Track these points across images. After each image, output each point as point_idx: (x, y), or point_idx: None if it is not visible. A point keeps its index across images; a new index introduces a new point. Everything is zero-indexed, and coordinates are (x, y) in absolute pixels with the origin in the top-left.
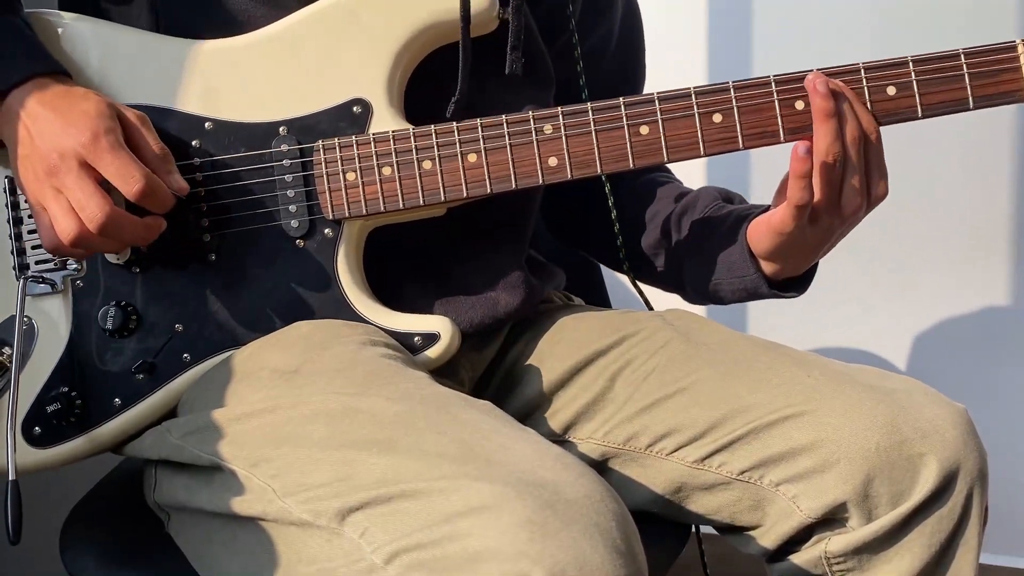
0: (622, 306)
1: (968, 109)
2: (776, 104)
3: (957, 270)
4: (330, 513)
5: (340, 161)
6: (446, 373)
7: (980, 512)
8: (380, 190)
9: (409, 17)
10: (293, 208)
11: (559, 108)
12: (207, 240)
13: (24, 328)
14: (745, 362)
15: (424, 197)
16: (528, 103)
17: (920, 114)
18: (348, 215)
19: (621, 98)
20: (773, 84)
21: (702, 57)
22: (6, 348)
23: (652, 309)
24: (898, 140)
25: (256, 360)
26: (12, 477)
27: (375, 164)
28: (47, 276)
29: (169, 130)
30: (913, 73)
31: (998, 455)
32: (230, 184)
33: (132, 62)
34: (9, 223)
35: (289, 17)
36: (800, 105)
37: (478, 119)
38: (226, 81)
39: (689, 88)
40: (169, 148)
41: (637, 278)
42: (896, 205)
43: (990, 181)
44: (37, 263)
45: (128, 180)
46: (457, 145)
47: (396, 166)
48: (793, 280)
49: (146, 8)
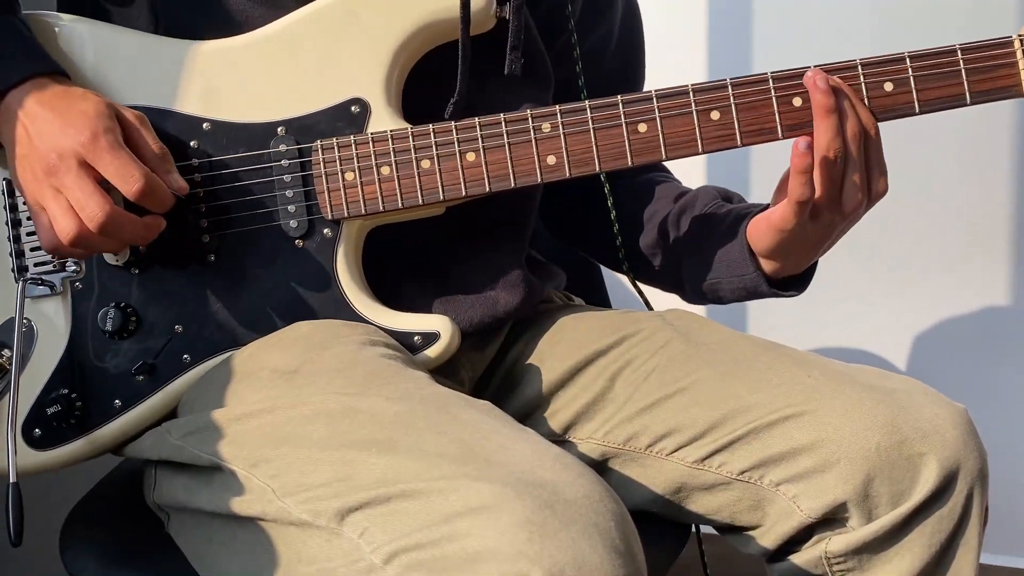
0: (622, 306)
1: (965, 104)
2: (774, 101)
3: (957, 270)
4: (329, 513)
5: (339, 161)
6: (446, 373)
7: (980, 512)
8: (379, 190)
9: (407, 16)
10: (292, 208)
11: (557, 107)
12: (206, 241)
13: (23, 330)
14: (745, 362)
15: (423, 196)
16: (527, 103)
17: (917, 110)
18: (347, 215)
19: (619, 96)
20: (771, 81)
21: (702, 57)
22: (6, 350)
23: (652, 309)
24: (897, 138)
25: (256, 360)
26: (12, 479)
27: (374, 164)
28: (46, 278)
29: (168, 131)
30: (910, 69)
31: (998, 455)
32: (229, 184)
33: (130, 63)
34: (8, 225)
35: (287, 17)
36: (798, 102)
37: (476, 118)
38: (224, 81)
39: (687, 85)
40: (168, 148)
41: (636, 278)
42: (895, 204)
43: (990, 179)
44: (36, 265)
45: (127, 179)
46: (455, 144)
47: (395, 166)
48: (793, 279)
49: (146, 9)
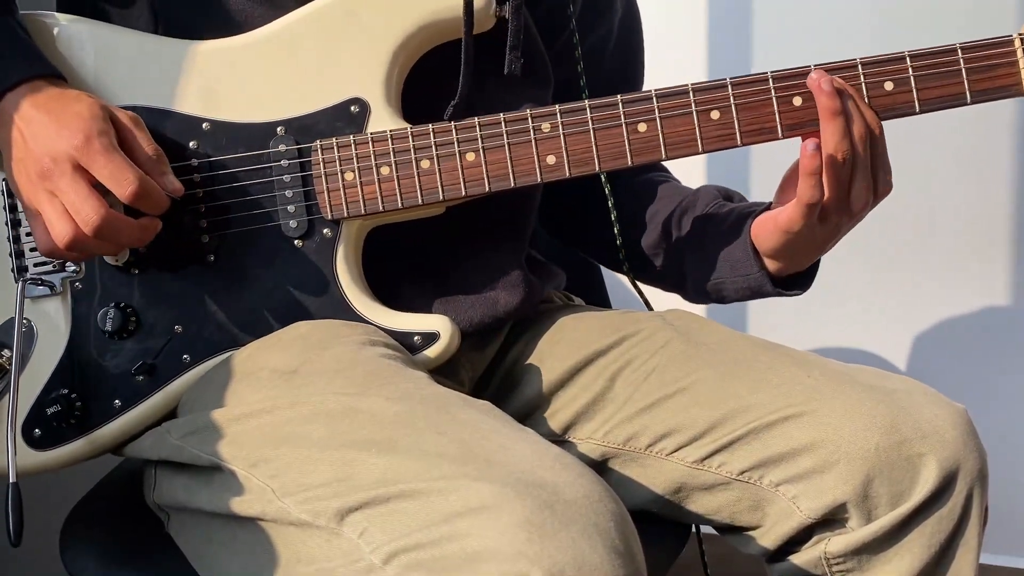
0: (622, 306)
1: (966, 104)
2: (774, 100)
3: (957, 270)
4: (329, 513)
5: (338, 161)
6: (446, 373)
7: (980, 512)
8: (378, 190)
9: (407, 16)
10: (291, 208)
11: (557, 106)
12: (206, 241)
13: (23, 330)
14: (745, 362)
15: (422, 196)
16: (527, 103)
17: (918, 109)
18: (347, 215)
19: (619, 96)
20: (771, 80)
21: (702, 57)
22: (6, 350)
23: (652, 309)
24: (897, 137)
25: (256, 360)
26: (12, 479)
27: (373, 164)
28: (46, 278)
29: (166, 131)
30: (910, 68)
31: (998, 455)
32: (228, 185)
33: (129, 63)
34: (7, 225)
35: (286, 17)
36: (798, 101)
37: (476, 118)
38: (223, 81)
39: (687, 85)
40: (166, 149)
41: (637, 278)
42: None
43: (989, 179)
44: (36, 265)
45: (121, 182)
46: (455, 144)
47: (394, 166)
48: (796, 278)
49: (145, 9)
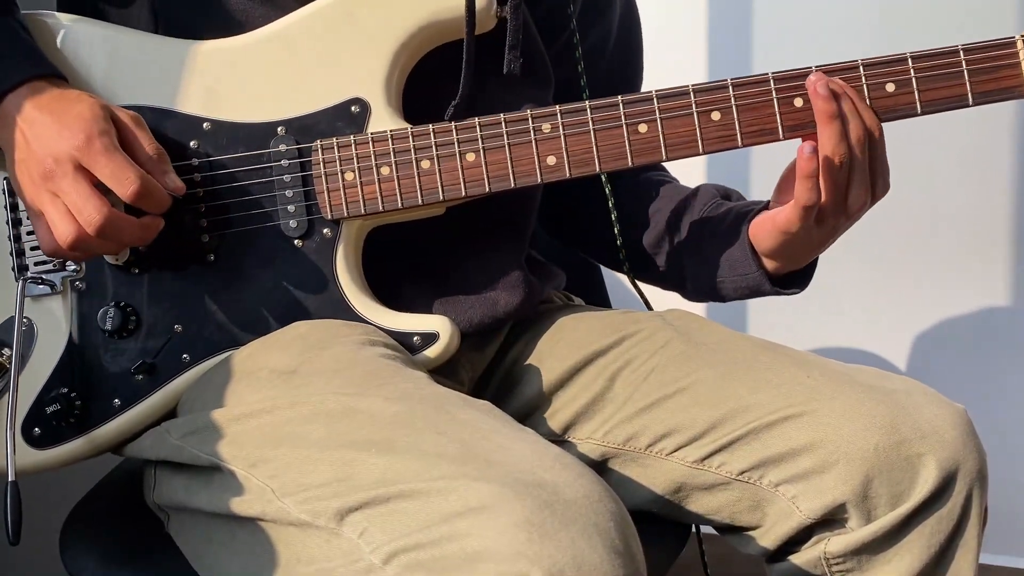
0: (622, 306)
1: (968, 105)
2: (775, 102)
3: (957, 270)
4: (329, 513)
5: (338, 161)
6: (446, 373)
7: (980, 512)
8: (378, 190)
9: (408, 16)
10: (292, 208)
11: (557, 107)
12: (206, 240)
13: (23, 329)
14: (745, 362)
15: (423, 197)
16: (527, 103)
17: (919, 111)
18: (347, 215)
19: (619, 96)
20: (772, 82)
21: (702, 57)
22: (6, 349)
23: (652, 309)
24: (897, 138)
25: (255, 360)
26: (12, 478)
27: (373, 164)
28: (46, 277)
29: (167, 131)
30: (912, 70)
31: (998, 455)
32: (228, 184)
33: (130, 63)
34: (8, 224)
35: (287, 17)
36: (799, 102)
37: (476, 118)
38: (224, 81)
39: (687, 86)
40: (167, 149)
41: (636, 277)
42: (896, 204)
43: (990, 180)
44: (36, 264)
45: (123, 182)
46: (455, 144)
47: (394, 166)
48: (794, 276)
49: (145, 8)
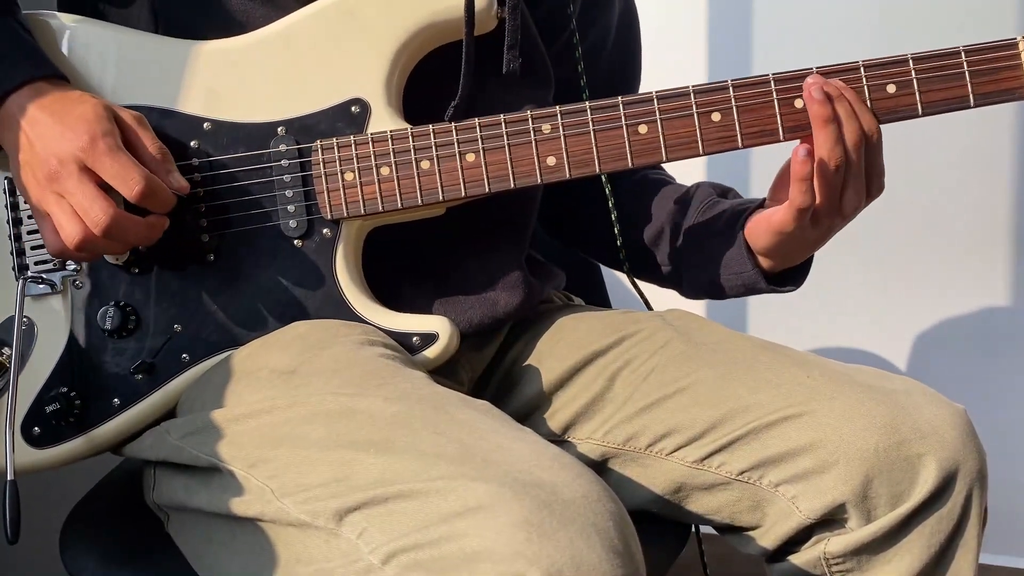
0: (622, 306)
1: (969, 107)
2: (775, 103)
3: (957, 269)
4: (328, 513)
5: (338, 161)
6: (445, 373)
7: (979, 513)
8: (378, 190)
9: (408, 17)
10: (291, 208)
11: (557, 107)
12: (206, 240)
13: (23, 328)
14: (745, 362)
15: (422, 197)
16: (527, 103)
17: (920, 112)
18: (346, 215)
19: (620, 97)
20: (772, 83)
21: (702, 57)
22: (5, 348)
23: (652, 309)
24: (898, 138)
25: (255, 360)
26: (11, 477)
27: (373, 164)
28: (46, 276)
29: (168, 131)
30: (913, 71)
31: (998, 455)
32: (228, 184)
33: (130, 63)
34: (8, 224)
35: (288, 17)
36: (799, 104)
37: (476, 119)
38: (224, 81)
39: (688, 87)
40: (168, 148)
41: (636, 276)
42: (896, 204)
43: (990, 180)
44: (36, 263)
45: (128, 182)
46: (455, 145)
47: (394, 166)
48: (790, 273)
49: (146, 8)
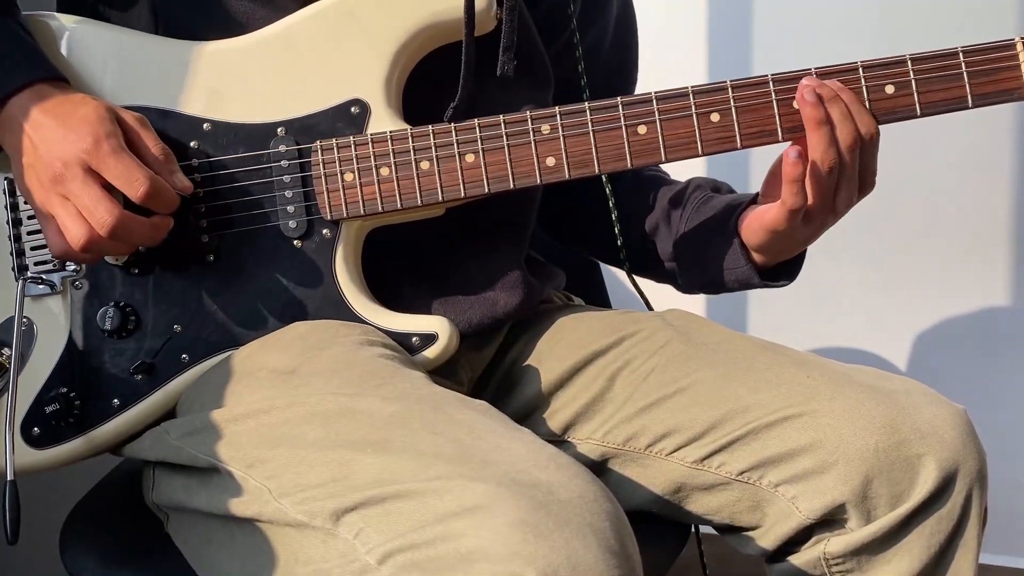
0: (622, 306)
1: (967, 107)
2: (774, 103)
3: (957, 269)
4: (325, 514)
5: (338, 162)
6: (445, 373)
7: (979, 513)
8: (378, 191)
9: (408, 18)
10: (291, 208)
11: (557, 108)
12: (205, 241)
13: (23, 329)
14: (745, 362)
15: (422, 197)
16: (527, 103)
17: (919, 113)
18: (346, 216)
19: (619, 98)
20: (771, 83)
21: (702, 57)
22: (5, 349)
23: (652, 309)
24: (898, 139)
25: (254, 360)
26: (10, 477)
27: (373, 165)
28: (46, 277)
29: (168, 131)
30: (912, 72)
31: (998, 455)
32: (228, 185)
33: (130, 64)
34: (8, 224)
35: (288, 18)
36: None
37: (475, 119)
38: (224, 82)
39: (687, 87)
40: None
41: (633, 271)
42: (896, 204)
43: (990, 180)
44: (36, 264)
45: (132, 183)
46: (455, 145)
47: (394, 167)
48: (783, 268)
49: (146, 9)
